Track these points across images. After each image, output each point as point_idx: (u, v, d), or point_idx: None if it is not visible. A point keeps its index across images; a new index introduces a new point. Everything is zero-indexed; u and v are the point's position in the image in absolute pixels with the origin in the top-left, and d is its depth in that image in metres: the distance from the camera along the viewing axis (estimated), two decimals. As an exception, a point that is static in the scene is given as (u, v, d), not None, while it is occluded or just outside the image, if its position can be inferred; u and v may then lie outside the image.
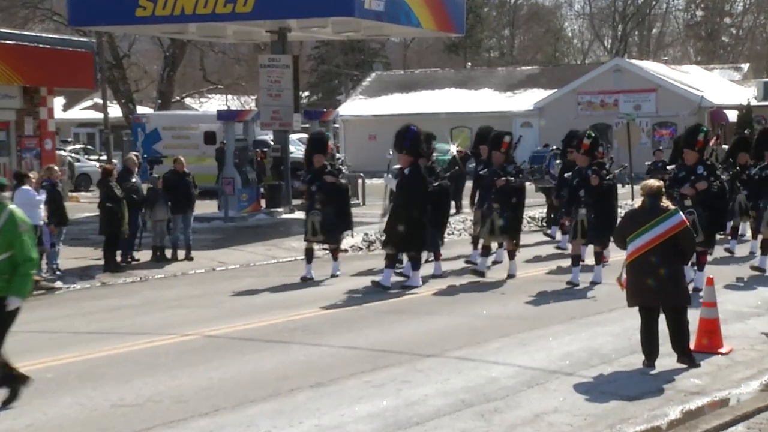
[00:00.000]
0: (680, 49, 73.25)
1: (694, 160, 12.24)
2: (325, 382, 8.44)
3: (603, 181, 13.08)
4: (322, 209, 14.04)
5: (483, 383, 8.33)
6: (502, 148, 14.00)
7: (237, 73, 50.29)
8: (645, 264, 8.65)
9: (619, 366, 8.91)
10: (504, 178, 13.76)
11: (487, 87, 47.07)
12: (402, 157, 13.34)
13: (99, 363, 9.32)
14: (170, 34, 31.77)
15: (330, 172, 14.09)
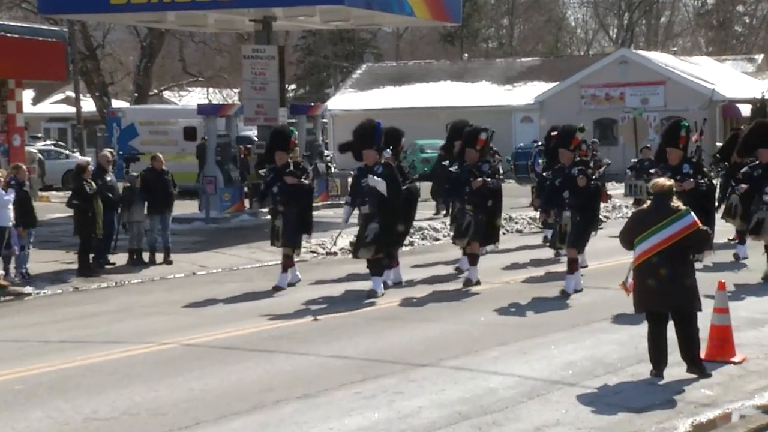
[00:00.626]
0: (690, 39, 73.48)
1: (679, 159, 12.13)
2: (313, 394, 8.44)
3: (591, 182, 12.79)
4: (283, 212, 13.87)
5: (480, 394, 8.34)
6: (478, 146, 13.78)
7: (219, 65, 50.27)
8: (654, 266, 8.66)
9: (626, 376, 8.93)
10: (480, 179, 13.54)
11: (484, 80, 47.13)
12: (371, 154, 13.06)
13: (71, 373, 9.31)
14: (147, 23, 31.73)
15: (291, 172, 13.85)
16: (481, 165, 13.72)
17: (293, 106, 27.36)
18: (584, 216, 12.88)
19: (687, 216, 8.75)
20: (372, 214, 12.92)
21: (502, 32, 72.79)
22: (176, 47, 48.31)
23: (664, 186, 8.85)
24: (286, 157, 13.98)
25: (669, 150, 12.22)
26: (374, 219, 12.89)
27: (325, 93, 58.16)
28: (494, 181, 13.75)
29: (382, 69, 51.37)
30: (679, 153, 12.14)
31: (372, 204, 12.92)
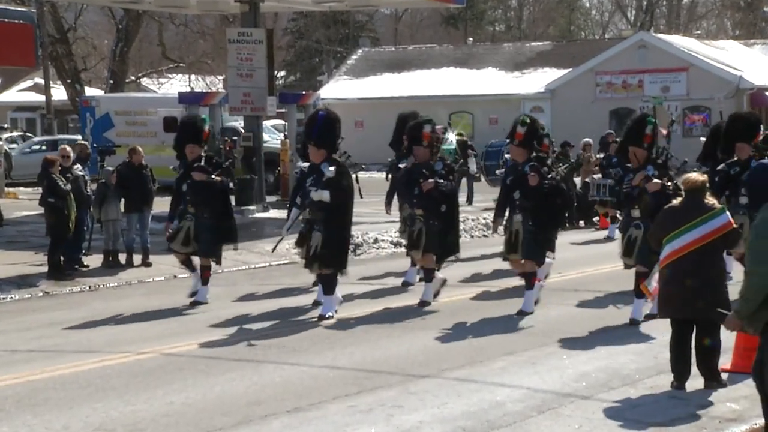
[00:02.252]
0: (715, 21, 73.53)
1: (643, 159, 11.40)
2: (304, 407, 8.45)
3: (544, 181, 11.97)
4: (195, 213, 13.14)
5: (486, 408, 8.36)
6: (424, 141, 12.92)
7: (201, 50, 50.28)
8: (683, 269, 8.66)
9: (644, 388, 8.95)
10: (432, 180, 12.65)
11: (491, 66, 47.17)
12: (312, 150, 12.08)
13: (40, 386, 9.31)
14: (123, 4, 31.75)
15: (201, 168, 13.05)
16: (433, 164, 12.85)
17: (283, 94, 27.37)
18: (538, 220, 12.05)
19: (722, 215, 8.74)
20: (314, 220, 12.02)
21: (510, 14, 72.83)
22: (155, 30, 48.29)
23: (697, 182, 8.85)
24: (199, 151, 13.24)
25: (632, 149, 11.46)
26: (318, 226, 11.98)
27: (317, 80, 58.17)
28: (448, 183, 12.80)
29: (380, 54, 51.41)
30: (643, 153, 11.39)
31: (314, 207, 12.00)
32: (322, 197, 11.78)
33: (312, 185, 11.94)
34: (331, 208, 11.86)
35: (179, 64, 50.74)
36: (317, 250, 11.88)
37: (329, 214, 11.90)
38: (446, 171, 12.88)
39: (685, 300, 8.68)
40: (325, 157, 11.99)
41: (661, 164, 11.50)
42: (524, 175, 12.04)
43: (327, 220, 11.90)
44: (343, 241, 12.26)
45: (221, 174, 13.25)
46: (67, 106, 43.70)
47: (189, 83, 54.42)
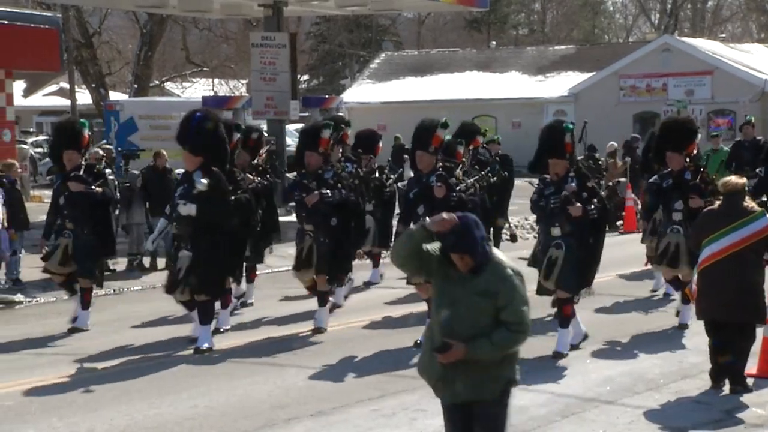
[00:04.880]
0: (740, 24, 73.13)
1: (563, 171, 10.24)
2: (327, 411, 8.46)
3: (452, 194, 10.66)
4: (74, 230, 11.78)
5: (510, 412, 8.33)
6: (320, 147, 11.62)
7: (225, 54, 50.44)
8: (721, 272, 8.65)
9: (669, 393, 8.91)
10: (316, 193, 11.36)
11: (514, 69, 47.09)
12: (186, 156, 10.69)
13: (65, 389, 9.36)
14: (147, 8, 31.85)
15: (77, 177, 11.65)
16: (322, 172, 11.54)
17: (306, 98, 27.42)
18: None
19: (762, 218, 8.71)
20: (181, 236, 10.64)
21: (533, 18, 72.68)
22: (179, 35, 48.49)
23: (737, 185, 8.83)
24: (78, 158, 11.83)
25: (551, 161, 10.26)
26: (185, 244, 10.56)
27: (340, 84, 58.22)
28: (336, 193, 11.41)
29: (402, 58, 51.41)
30: (564, 164, 10.23)
31: (181, 222, 10.59)
32: (190, 212, 10.41)
33: (182, 197, 10.54)
34: (199, 225, 10.42)
35: (203, 68, 50.90)
36: (185, 273, 10.46)
37: (197, 231, 10.45)
38: (334, 180, 11.52)
39: (723, 303, 8.65)
40: (200, 164, 10.52)
41: (582, 174, 10.40)
42: (430, 187, 10.68)
43: (195, 238, 10.45)
44: (216, 263, 10.56)
45: (102, 185, 11.90)
46: (91, 110, 43.91)
47: (212, 87, 54.59)
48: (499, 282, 5.66)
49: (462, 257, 5.65)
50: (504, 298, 5.64)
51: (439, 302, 5.80)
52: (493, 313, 5.64)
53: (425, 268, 5.81)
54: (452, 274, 5.71)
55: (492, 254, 5.73)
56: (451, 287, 5.72)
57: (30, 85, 56.03)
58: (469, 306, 5.65)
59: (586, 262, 10.32)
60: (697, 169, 11.34)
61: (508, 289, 5.65)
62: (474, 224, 5.67)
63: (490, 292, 5.64)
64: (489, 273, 5.67)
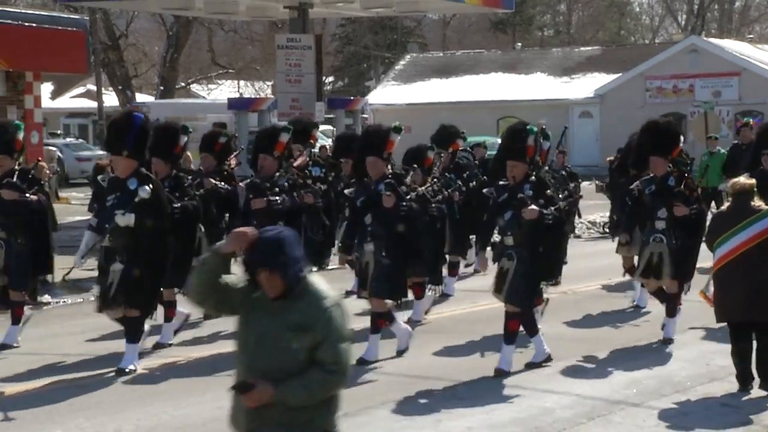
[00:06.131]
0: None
1: (522, 175, 9.61)
2: (352, 413, 8.45)
3: (402, 204, 9.95)
4: (6, 239, 11.06)
5: (535, 414, 8.33)
6: (276, 151, 11.06)
7: (250, 56, 50.63)
8: (732, 273, 8.63)
9: (695, 395, 8.87)
10: (264, 198, 10.70)
11: (539, 71, 46.98)
12: (120, 161, 9.91)
13: (92, 389, 9.40)
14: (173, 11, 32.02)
15: (10, 184, 10.90)
16: (277, 178, 10.93)
17: (331, 99, 27.51)
18: (394, 253, 9.93)
19: None
20: (115, 249, 9.79)
21: (558, 19, 72.47)
22: (204, 36, 48.72)
23: (745, 185, 8.81)
24: (11, 163, 11.06)
25: (510, 164, 9.63)
26: (120, 257, 9.75)
27: (365, 86, 58.28)
28: (286, 199, 10.74)
29: (427, 60, 51.39)
30: (523, 168, 9.58)
31: (116, 234, 9.78)
32: (129, 222, 9.66)
33: (117, 206, 9.78)
34: (136, 235, 9.70)
35: (228, 70, 51.11)
36: (116, 288, 9.70)
37: (133, 242, 9.70)
38: (290, 184, 10.93)
39: (738, 303, 8.62)
40: (134, 170, 9.84)
41: (538, 180, 9.73)
42: (378, 195, 9.98)
43: (129, 250, 9.69)
44: (150, 275, 9.85)
45: (38, 191, 11.16)
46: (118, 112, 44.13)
47: (238, 89, 54.79)
48: (315, 314, 4.82)
49: (270, 276, 4.80)
50: (320, 333, 4.80)
51: (244, 338, 4.95)
52: (307, 351, 4.81)
53: (227, 303, 4.97)
54: (259, 305, 4.89)
55: (309, 281, 4.89)
56: (258, 320, 4.89)
57: (57, 88, 56.39)
58: (279, 342, 4.81)
59: (537, 274, 9.63)
60: (682, 174, 10.67)
61: (324, 323, 4.82)
62: (288, 240, 4.84)
63: (304, 326, 4.80)
64: (304, 304, 4.83)
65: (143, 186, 9.67)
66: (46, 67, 23.08)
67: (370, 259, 9.99)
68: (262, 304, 4.88)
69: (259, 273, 4.82)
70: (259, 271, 4.82)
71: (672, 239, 10.48)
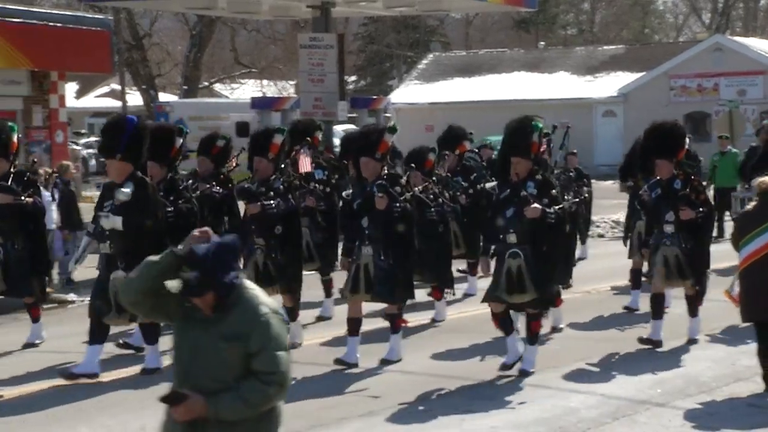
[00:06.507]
0: (793, 23, 72.10)
1: (525, 172, 9.35)
2: (377, 411, 8.47)
3: (395, 205, 9.70)
4: (4, 244, 10.87)
5: (560, 414, 8.31)
6: (270, 153, 10.75)
7: (273, 55, 50.73)
8: (757, 273, 8.59)
9: (721, 396, 8.83)
10: (258, 203, 10.45)
11: (562, 70, 46.84)
12: (113, 165, 9.67)
13: (117, 388, 9.46)
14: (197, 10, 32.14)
15: (3, 188, 10.73)
16: (272, 181, 10.63)
17: (354, 99, 27.54)
18: (391, 255, 9.75)
19: None
20: (115, 256, 9.64)
21: (582, 17, 72.24)
22: (227, 36, 48.86)
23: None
24: (6, 166, 10.87)
25: (514, 161, 9.34)
26: (119, 263, 9.53)
27: (387, 85, 58.28)
28: (281, 203, 10.44)
29: (450, 59, 51.34)
30: (526, 165, 9.35)
31: (113, 238, 9.61)
32: (115, 225, 9.52)
33: (109, 209, 9.66)
34: (134, 239, 9.43)
35: (251, 70, 51.24)
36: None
37: (131, 247, 9.35)
38: (285, 187, 10.63)
39: (765, 303, 8.58)
40: (128, 174, 9.61)
41: (543, 179, 9.46)
42: (373, 197, 9.74)
43: (129, 255, 9.27)
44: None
45: (33, 194, 10.93)
46: (142, 111, 44.35)
47: (261, 88, 54.91)
48: (250, 323, 4.61)
49: (201, 299, 4.63)
50: (256, 342, 4.58)
51: (179, 349, 4.75)
52: (243, 362, 4.60)
53: (161, 310, 4.75)
54: (193, 313, 4.68)
55: (244, 288, 4.68)
56: (192, 330, 4.68)
57: (82, 87, 56.68)
58: (214, 353, 4.60)
59: (545, 273, 9.37)
60: (687, 177, 10.46)
61: (261, 332, 4.60)
62: (217, 254, 4.59)
63: (239, 336, 4.59)
64: (239, 312, 4.63)
65: (122, 189, 9.45)
66: (70, 67, 23.18)
67: (369, 261, 9.79)
68: (196, 313, 4.67)
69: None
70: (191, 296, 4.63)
71: (681, 243, 10.35)
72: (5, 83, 20.86)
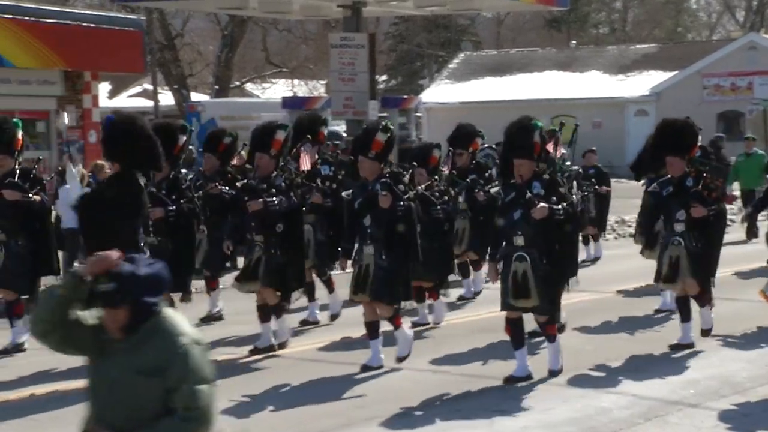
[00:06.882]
0: (828, 21, 71.39)
1: (529, 173, 9.23)
2: (407, 411, 8.46)
3: (400, 204, 9.60)
4: (6, 241, 10.68)
5: (591, 414, 8.27)
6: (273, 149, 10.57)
7: (304, 55, 50.82)
8: None
9: (755, 397, 8.75)
10: (260, 200, 10.26)
11: (594, 69, 46.62)
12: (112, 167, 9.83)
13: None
14: (228, 10, 32.26)
15: (12, 184, 10.56)
16: (274, 178, 10.46)
17: (384, 98, 27.53)
18: (393, 255, 9.62)
19: None
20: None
21: (614, 16, 71.86)
22: (259, 36, 48.98)
23: None
24: (11, 163, 10.67)
25: (517, 163, 9.21)
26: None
27: (418, 84, 58.23)
28: (283, 200, 10.29)
29: (481, 58, 51.23)
30: (530, 165, 9.20)
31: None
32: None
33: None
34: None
35: (282, 69, 51.36)
36: None
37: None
38: (287, 185, 10.48)
39: None
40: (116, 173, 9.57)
41: (549, 179, 9.30)
42: (376, 195, 9.63)
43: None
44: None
45: (39, 192, 10.70)
46: (174, 111, 44.57)
47: (292, 88, 55.02)
48: (168, 355, 4.30)
49: (113, 312, 4.33)
50: (174, 376, 4.29)
51: (93, 384, 4.44)
52: (161, 398, 4.31)
53: (73, 342, 4.41)
54: (110, 347, 4.38)
55: (163, 317, 4.39)
56: (107, 365, 4.37)
57: (115, 87, 57.04)
58: (130, 389, 4.30)
59: (554, 277, 9.22)
60: (699, 174, 10.27)
61: (179, 364, 4.30)
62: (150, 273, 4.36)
63: (156, 370, 4.29)
64: (156, 344, 4.32)
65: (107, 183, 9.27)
66: (103, 67, 23.38)
67: (370, 261, 9.63)
68: (113, 346, 4.37)
69: (105, 309, 4.33)
70: (105, 308, 4.33)
71: (692, 241, 10.17)
72: (39, 83, 21.05)
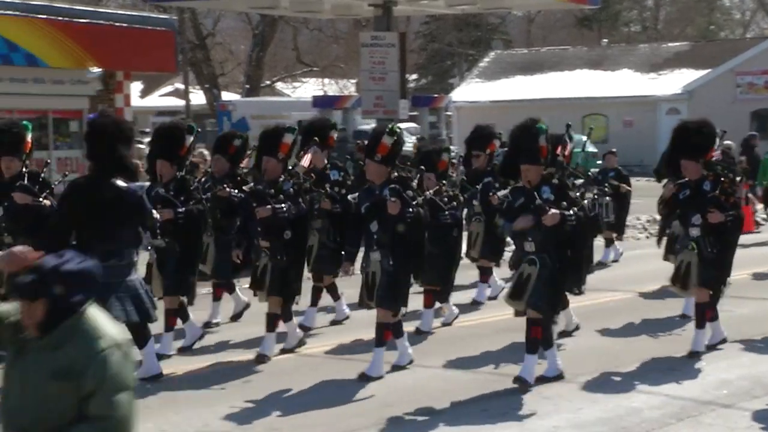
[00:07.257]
0: None
1: (537, 178, 8.97)
2: (436, 411, 8.45)
3: (408, 210, 9.31)
4: (14, 245, 10.42)
5: (622, 414, 8.22)
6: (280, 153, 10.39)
7: (335, 54, 50.92)
8: None
9: (789, 398, 8.68)
10: (268, 207, 10.09)
11: (626, 67, 46.38)
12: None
13: (181, 384, 9.53)
14: (260, 10, 32.38)
15: (24, 187, 10.26)
16: (281, 183, 10.26)
17: (415, 97, 27.54)
18: (399, 261, 9.42)
19: None
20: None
21: (646, 14, 71.44)
22: (289, 35, 49.13)
23: None
24: (18, 165, 10.40)
25: (524, 168, 8.99)
26: None
27: (449, 83, 58.20)
28: (291, 207, 10.10)
29: (512, 57, 51.10)
30: (539, 170, 8.99)
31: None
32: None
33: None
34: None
35: (313, 68, 51.48)
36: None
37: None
38: (295, 190, 10.25)
39: None
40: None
41: (559, 182, 9.12)
42: (383, 201, 9.36)
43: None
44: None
45: (48, 195, 10.36)
46: (205, 110, 44.80)
47: (322, 87, 55.15)
48: (85, 359, 4.00)
49: (31, 305, 4.03)
50: (90, 381, 3.99)
51: (8, 385, 4.16)
52: (75, 405, 4.01)
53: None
54: (29, 346, 4.10)
55: (85, 318, 4.09)
56: (23, 365, 4.10)
57: (146, 86, 57.41)
58: (43, 392, 4.01)
59: (563, 280, 9.06)
60: (717, 178, 9.96)
61: (96, 369, 3.99)
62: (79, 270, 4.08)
63: (70, 373, 3.99)
64: (73, 346, 4.02)
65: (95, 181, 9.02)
66: (136, 67, 23.50)
67: (377, 268, 9.45)
68: (32, 344, 4.10)
69: (22, 303, 4.07)
70: (21, 301, 4.07)
71: (707, 247, 9.95)
72: (72, 83, 21.19)
